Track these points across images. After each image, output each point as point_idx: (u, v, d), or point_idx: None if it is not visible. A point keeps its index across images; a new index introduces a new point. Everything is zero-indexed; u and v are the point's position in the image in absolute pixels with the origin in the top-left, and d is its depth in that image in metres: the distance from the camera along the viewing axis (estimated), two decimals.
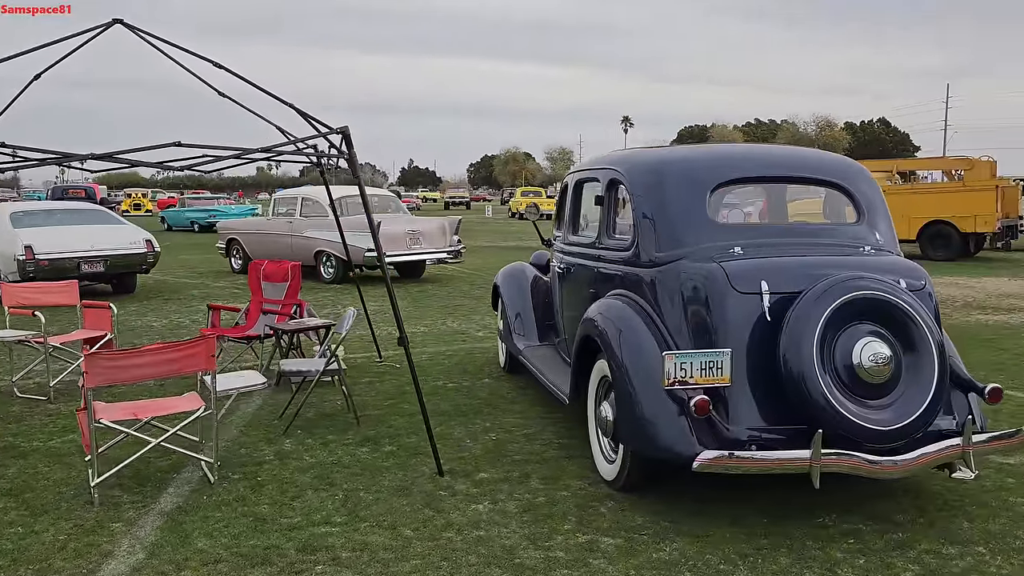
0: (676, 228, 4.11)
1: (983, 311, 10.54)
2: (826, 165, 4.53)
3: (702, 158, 4.47)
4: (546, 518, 3.88)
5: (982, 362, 7.33)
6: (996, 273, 15.34)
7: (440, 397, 6.20)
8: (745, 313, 3.67)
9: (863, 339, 3.49)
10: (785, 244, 4.07)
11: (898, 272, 3.85)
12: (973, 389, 3.85)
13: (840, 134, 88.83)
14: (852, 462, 3.39)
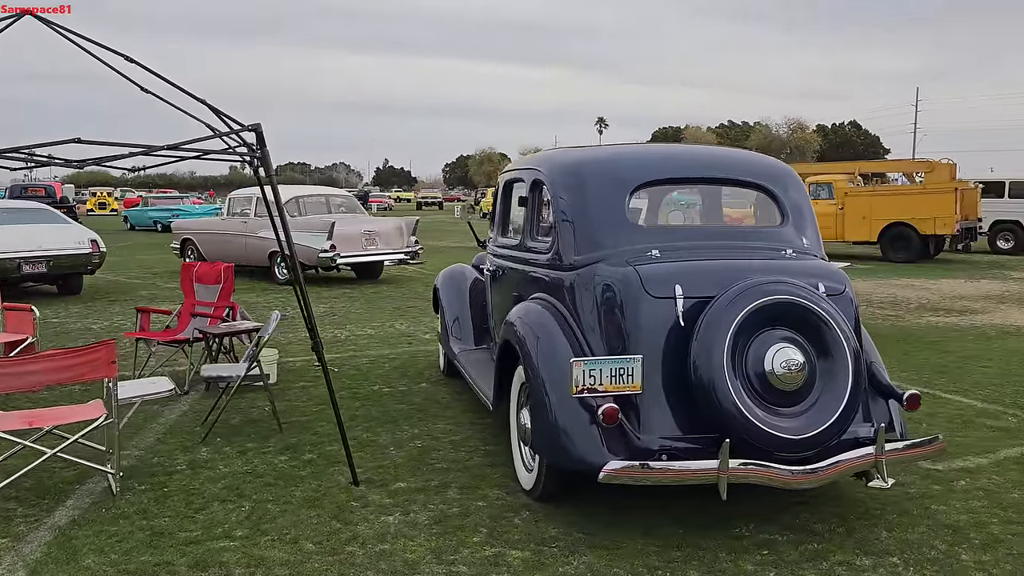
0: (594, 230, 4.00)
1: (935, 313, 10.57)
2: (751, 167, 4.43)
3: (623, 159, 4.36)
4: (457, 530, 3.75)
5: (926, 365, 7.32)
6: (953, 275, 15.47)
7: (373, 402, 6.05)
8: (658, 318, 3.56)
9: (776, 345, 3.39)
10: (705, 247, 3.96)
11: (818, 276, 3.76)
12: (893, 396, 3.77)
13: (811, 136, 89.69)
14: (761, 472, 3.29)
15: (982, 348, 8.14)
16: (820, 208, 18.80)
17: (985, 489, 4.26)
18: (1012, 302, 11.74)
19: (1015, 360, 7.53)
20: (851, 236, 18.61)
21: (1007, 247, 20.21)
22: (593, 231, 3.99)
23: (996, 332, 9.11)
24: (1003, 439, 5.13)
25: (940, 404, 5.96)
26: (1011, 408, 5.86)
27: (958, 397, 6.18)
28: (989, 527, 3.78)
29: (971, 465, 4.65)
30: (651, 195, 5.29)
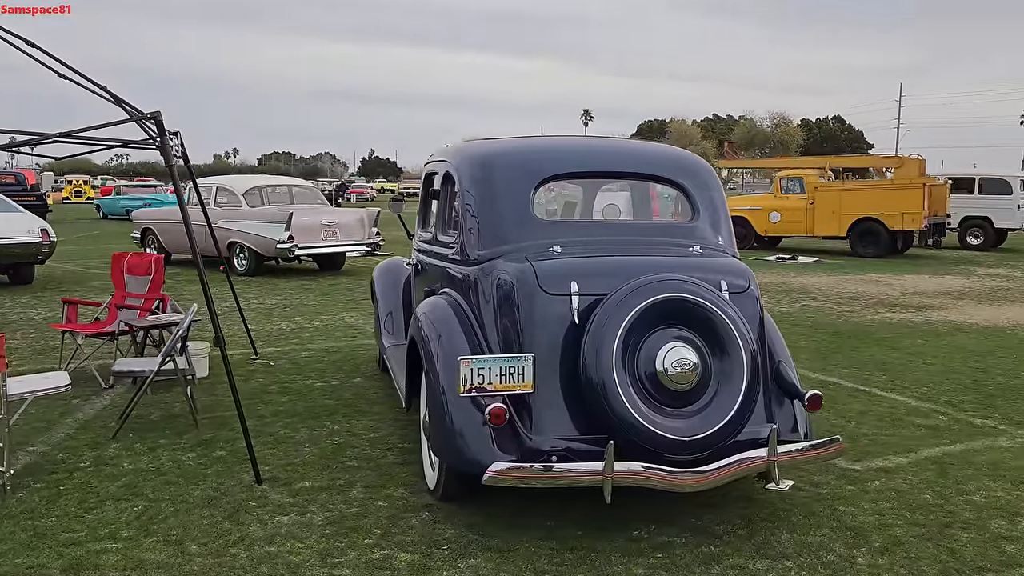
0: (497, 225, 3.90)
1: (892, 309, 10.56)
2: (663, 161, 4.34)
3: (531, 152, 4.25)
4: (350, 531, 3.65)
5: (870, 361, 7.29)
6: (919, 271, 15.49)
7: (301, 397, 5.94)
8: (554, 316, 3.47)
9: (669, 344, 3.31)
10: (610, 243, 3.88)
11: (721, 273, 3.68)
12: (798, 396, 3.70)
13: (795, 131, 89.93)
14: (647, 475, 3.21)
15: (931, 345, 8.12)
16: (791, 203, 18.95)
17: (898, 490, 4.20)
18: (971, 298, 11.75)
19: (960, 357, 7.51)
20: (821, 231, 18.62)
21: (977, 243, 20.27)
22: (496, 225, 3.90)
23: (948, 329, 9.10)
24: (928, 438, 5.09)
25: (874, 402, 5.92)
26: (944, 407, 5.82)
27: (894, 395, 6.14)
28: (892, 529, 3.73)
29: (890, 465, 4.60)
30: (586, 188, 5.21)
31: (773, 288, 12.54)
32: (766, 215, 19.29)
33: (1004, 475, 4.44)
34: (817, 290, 12.41)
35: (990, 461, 4.66)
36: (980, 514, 3.91)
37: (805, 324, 9.23)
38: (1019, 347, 8.05)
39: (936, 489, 4.22)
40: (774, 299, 11.29)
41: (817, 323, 9.32)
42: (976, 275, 14.93)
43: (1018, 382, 6.60)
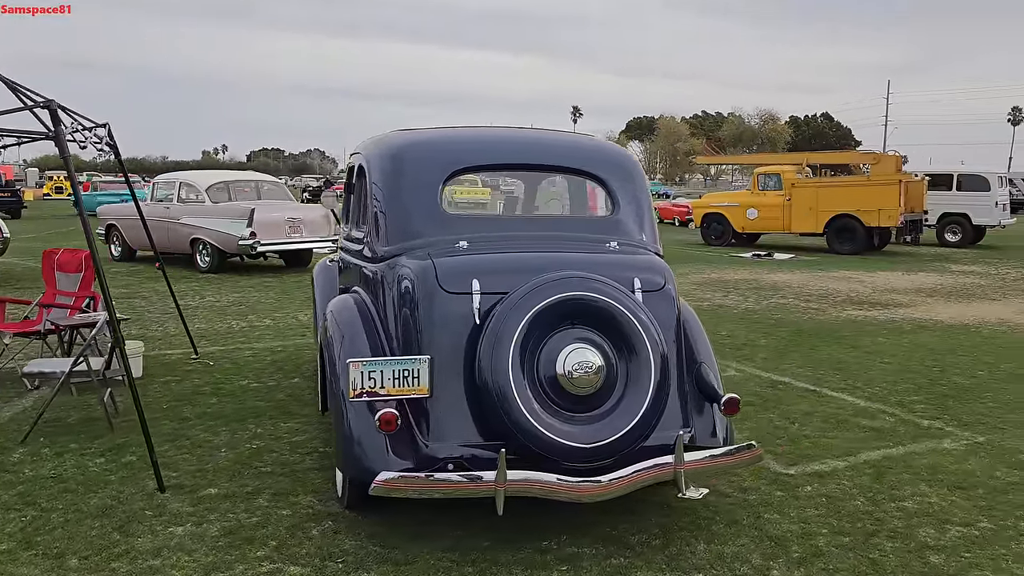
0: (404, 219, 3.72)
1: (859, 307, 10.42)
2: (583, 154, 4.14)
3: (442, 144, 4.05)
4: (244, 543, 3.46)
5: (827, 360, 7.13)
6: (893, 268, 15.38)
7: (233, 398, 5.73)
8: (454, 315, 3.28)
9: (571, 346, 3.13)
10: (521, 239, 3.69)
11: (634, 271, 3.50)
12: (716, 400, 3.53)
13: (782, 128, 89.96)
14: (542, 485, 3.03)
15: (891, 343, 7.97)
16: (769, 199, 18.81)
17: (829, 496, 4.04)
18: (941, 296, 11.63)
19: (918, 356, 7.36)
20: (798, 228, 18.49)
21: (955, 240, 20.19)
22: (402, 220, 3.72)
23: (912, 327, 8.96)
24: (870, 440, 4.93)
25: (823, 402, 5.76)
26: (893, 407, 5.66)
27: (844, 395, 5.98)
28: (816, 539, 3.56)
29: (826, 469, 4.43)
30: (527, 181, 5.02)
31: (743, 285, 12.39)
32: (743, 211, 19.16)
33: (942, 480, 4.28)
34: (787, 287, 12.27)
35: (930, 465, 4.51)
36: (910, 522, 3.75)
37: (768, 322, 9.08)
38: (980, 345, 7.91)
39: (869, 495, 4.06)
40: (742, 296, 11.14)
41: (781, 321, 9.17)
42: (950, 272, 14.83)
43: (973, 382, 6.46)
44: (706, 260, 16.41)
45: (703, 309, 9.90)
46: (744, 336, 8.21)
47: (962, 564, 3.36)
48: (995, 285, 12.98)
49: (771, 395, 5.94)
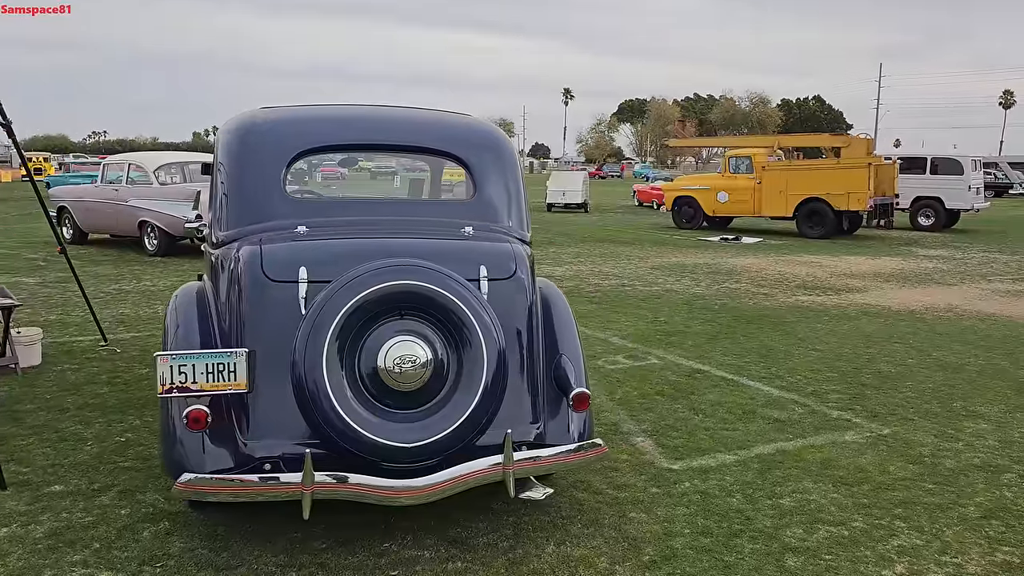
0: (243, 203, 3.50)
1: (811, 292, 10.24)
2: (442, 132, 3.91)
3: (290, 122, 3.80)
4: (66, 545, 3.26)
5: (757, 348, 6.95)
6: (860, 252, 15.20)
7: (124, 388, 5.52)
8: (279, 306, 3.07)
9: (395, 339, 2.92)
10: (365, 223, 3.47)
11: (482, 259, 3.28)
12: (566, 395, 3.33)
13: (773, 111, 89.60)
14: (354, 487, 2.84)
15: (829, 330, 7.80)
16: (739, 183, 18.59)
17: (706, 493, 3.86)
18: (898, 280, 11.46)
19: (852, 343, 7.18)
20: (768, 211, 18.29)
21: (928, 224, 20.03)
22: (242, 204, 3.50)
23: (857, 312, 8.79)
24: (771, 433, 4.76)
25: (735, 392, 5.58)
26: (807, 398, 5.49)
27: (760, 384, 5.80)
28: (675, 540, 3.38)
29: (712, 464, 4.26)
30: (431, 164, 4.80)
31: (701, 270, 12.21)
32: (714, 195, 18.95)
33: (829, 475, 4.11)
34: (745, 272, 12.08)
35: (823, 459, 4.33)
36: (780, 521, 3.58)
37: (711, 308, 8.89)
38: (919, 332, 7.74)
39: (748, 492, 3.89)
40: (695, 281, 10.95)
41: (725, 307, 8.98)
42: (916, 256, 14.67)
43: (900, 370, 6.29)
44: (673, 244, 16.21)
45: (648, 295, 9.72)
46: (681, 322, 8.03)
47: (819, 567, 3.18)
48: (956, 270, 12.82)
49: (685, 384, 5.75)
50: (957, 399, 5.53)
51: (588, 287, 10.23)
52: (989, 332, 7.84)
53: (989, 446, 4.60)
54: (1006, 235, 19.28)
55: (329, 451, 2.90)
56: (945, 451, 4.51)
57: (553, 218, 23.15)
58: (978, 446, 4.60)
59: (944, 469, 4.24)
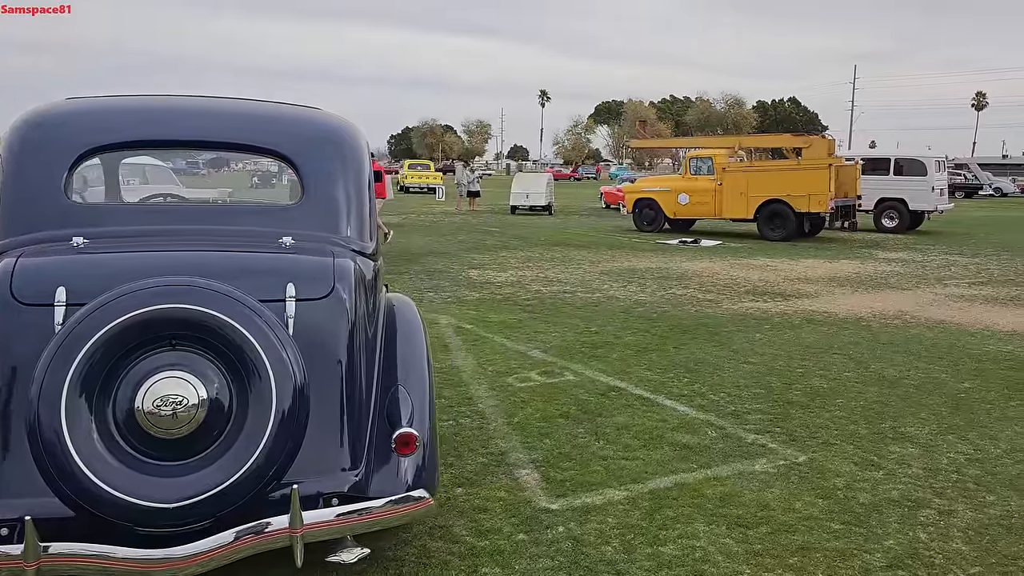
0: (15, 209, 2.97)
1: (759, 298, 9.81)
2: (265, 126, 3.39)
3: (83, 113, 3.27)
4: None
5: (686, 361, 6.48)
6: (819, 255, 14.84)
7: None
8: (28, 333, 2.55)
9: (160, 375, 2.41)
10: (157, 233, 2.96)
11: (290, 276, 2.77)
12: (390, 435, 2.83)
13: (748, 113, 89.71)
14: (95, 559, 2.32)
15: (768, 339, 7.35)
16: (700, 184, 18.20)
17: (578, 540, 3.37)
18: (853, 284, 11.07)
19: (787, 355, 6.74)
20: (729, 213, 17.92)
21: (892, 226, 19.75)
22: (13, 210, 2.97)
23: (801, 320, 8.36)
24: (674, 463, 4.28)
25: (647, 413, 5.10)
26: (724, 419, 5.02)
27: (678, 404, 5.33)
28: None
29: (598, 502, 3.77)
30: (211, 162, 4.27)
31: (651, 275, 11.76)
32: (675, 197, 18.56)
33: (726, 515, 3.63)
34: (696, 277, 11.65)
35: (724, 495, 3.86)
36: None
37: (649, 316, 8.42)
38: (863, 342, 7.32)
39: (628, 538, 3.40)
40: (641, 287, 10.50)
41: (664, 315, 8.52)
42: (875, 259, 14.32)
43: (835, 384, 5.85)
44: (630, 247, 15.78)
45: (587, 302, 9.24)
46: (613, 332, 7.55)
47: None
48: (914, 274, 12.47)
49: (596, 404, 5.27)
50: (887, 419, 5.09)
51: (526, 294, 9.74)
52: (936, 341, 7.44)
53: (911, 475, 4.16)
54: (970, 236, 19.04)
55: (79, 513, 2.37)
56: (862, 482, 4.05)
57: (516, 220, 22.69)
58: (899, 475, 4.16)
59: (856, 505, 3.78)
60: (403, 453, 2.76)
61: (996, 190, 45.16)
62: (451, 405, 5.20)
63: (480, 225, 20.80)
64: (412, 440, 2.76)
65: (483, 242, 16.19)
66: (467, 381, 5.77)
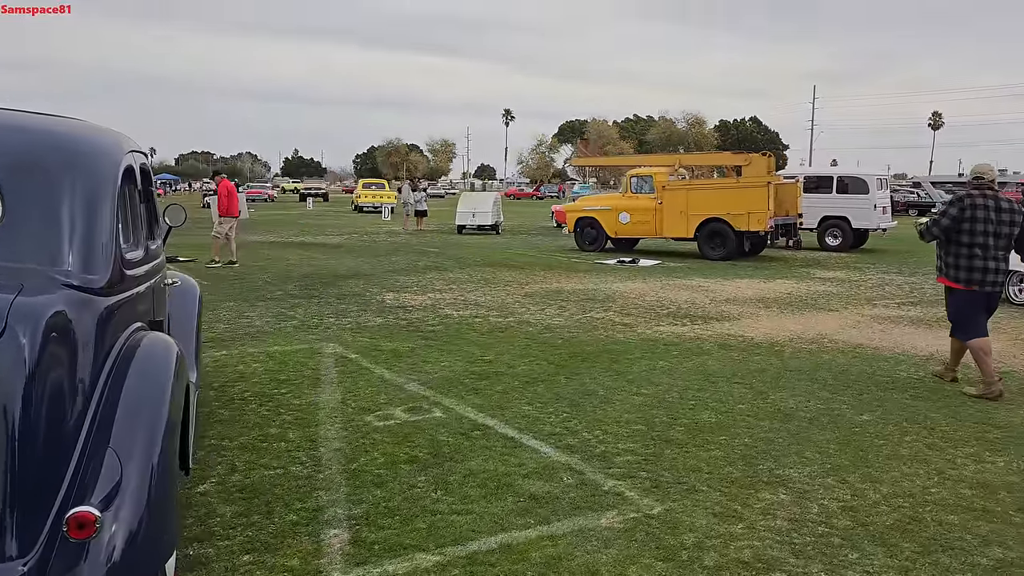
0: None
1: (679, 321, 9.40)
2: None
3: None
4: None
5: (572, 394, 6.01)
6: (756, 275, 14.53)
7: None
8: None
9: None
10: None
11: None
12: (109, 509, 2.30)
13: (710, 132, 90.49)
14: None
15: (670, 367, 6.92)
16: (641, 203, 17.86)
17: None
18: (779, 306, 10.73)
19: (684, 385, 6.30)
20: (669, 232, 17.61)
21: (835, 244, 19.59)
22: None
23: (713, 345, 7.95)
24: (511, 517, 3.78)
25: (504, 457, 4.61)
26: (588, 462, 4.55)
27: (543, 444, 4.84)
28: None
29: (401, 570, 3.26)
30: None
31: (574, 297, 11.32)
32: (615, 216, 18.22)
33: None
34: (622, 298, 11.23)
35: (552, 558, 3.38)
36: None
37: (553, 343, 7.95)
38: (769, 370, 6.92)
39: None
40: (560, 310, 10.04)
41: (569, 341, 8.05)
42: (811, 279, 14.05)
43: (723, 419, 5.42)
44: (566, 268, 15.35)
45: (494, 327, 8.76)
46: (507, 362, 7.07)
47: None
48: (846, 294, 12.19)
49: (452, 446, 4.77)
50: (769, 458, 4.66)
51: (434, 319, 9.23)
52: (847, 367, 7.06)
53: (773, 529, 3.71)
54: (911, 255, 18.92)
55: None
56: (714, 539, 3.59)
57: (460, 240, 22.23)
58: (760, 529, 3.70)
59: (699, 569, 3.32)
60: (77, 537, 2.23)
61: None
62: (289, 450, 4.67)
63: (420, 245, 20.30)
64: (89, 521, 2.22)
65: (415, 263, 15.68)
66: (321, 420, 5.24)
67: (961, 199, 6.24)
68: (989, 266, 6.15)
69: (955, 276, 6.26)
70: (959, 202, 6.23)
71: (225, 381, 6.21)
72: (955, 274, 6.25)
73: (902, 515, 3.90)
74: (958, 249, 6.21)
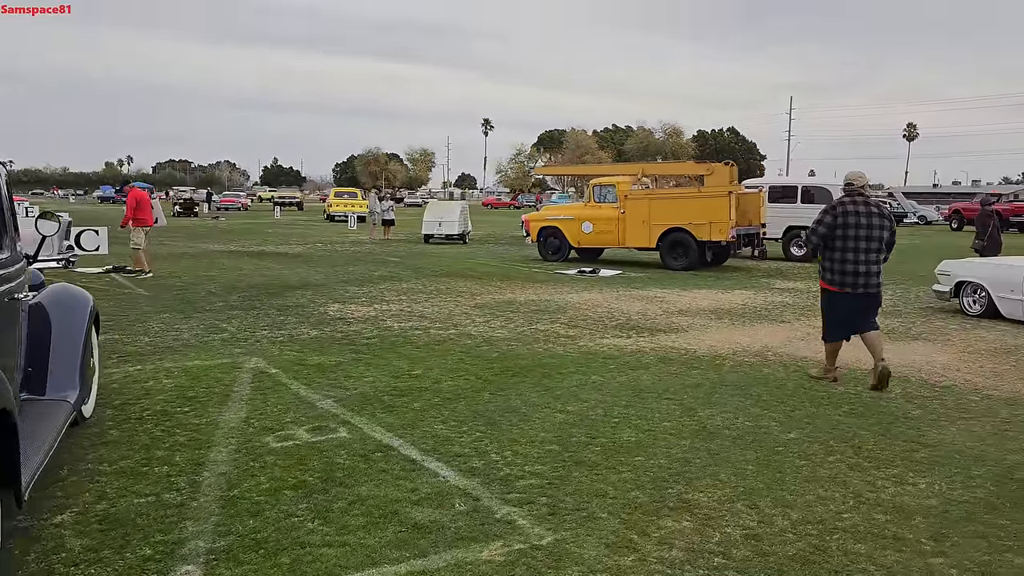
0: None
1: (625, 333, 9.16)
2: None
3: None
4: None
5: (494, 411, 5.76)
6: (715, 285, 14.35)
7: None
8: None
9: None
10: None
11: None
12: None
13: (687, 143, 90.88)
14: None
15: (602, 382, 6.67)
16: (604, 212, 17.66)
17: None
18: (732, 317, 10.53)
19: (613, 400, 6.05)
20: (632, 242, 17.42)
21: (800, 254, 19.49)
22: None
23: (653, 359, 7.72)
24: (386, 550, 3.51)
25: (400, 480, 4.34)
26: (488, 486, 4.28)
27: (444, 466, 4.58)
28: None
29: None
30: None
31: (526, 308, 11.06)
32: (579, 225, 18.02)
33: None
34: (574, 309, 10.99)
35: None
36: None
37: (488, 356, 7.68)
38: (704, 385, 6.69)
39: None
40: (505, 322, 9.78)
41: (505, 355, 7.79)
42: (770, 289, 13.89)
43: (643, 437, 5.18)
44: (524, 278, 15.10)
45: (432, 340, 8.48)
46: (433, 377, 6.79)
47: None
48: (801, 304, 12.04)
49: (348, 469, 4.49)
50: (680, 481, 4.42)
51: (372, 332, 8.94)
52: (784, 382, 6.86)
53: (665, 561, 3.46)
54: None
55: None
56: (599, 573, 3.34)
57: (424, 250, 21.95)
58: (652, 560, 3.46)
59: None
60: None
61: (921, 218, 45.95)
62: (170, 475, 4.37)
63: (383, 255, 19.99)
64: None
65: (371, 274, 15.37)
66: (216, 442, 4.94)
67: (834, 207, 6.67)
68: (860, 269, 6.52)
69: (830, 279, 6.67)
70: (832, 210, 6.66)
71: (128, 399, 5.89)
72: (830, 277, 6.67)
73: (807, 544, 3.66)
74: (832, 254, 6.60)
